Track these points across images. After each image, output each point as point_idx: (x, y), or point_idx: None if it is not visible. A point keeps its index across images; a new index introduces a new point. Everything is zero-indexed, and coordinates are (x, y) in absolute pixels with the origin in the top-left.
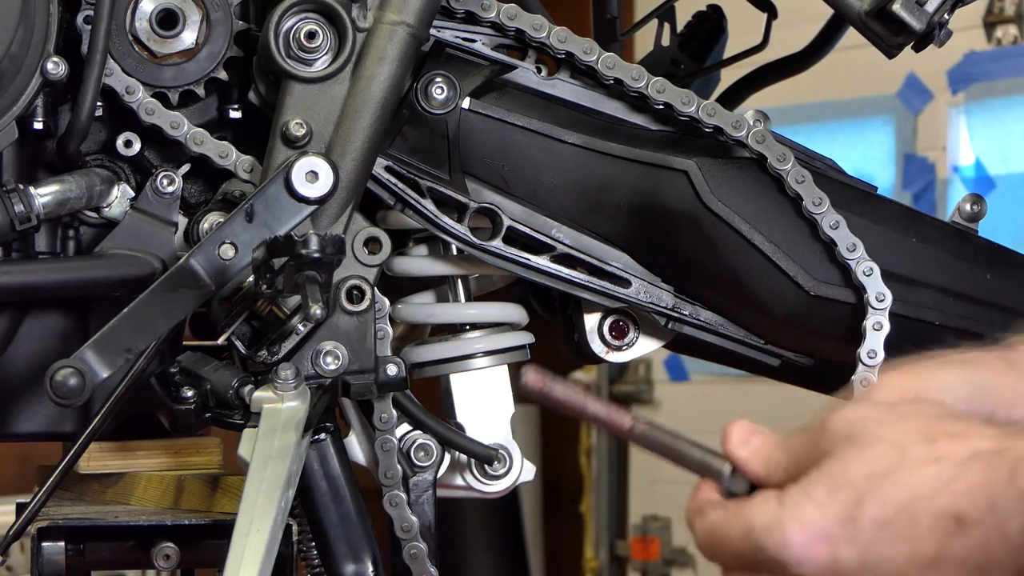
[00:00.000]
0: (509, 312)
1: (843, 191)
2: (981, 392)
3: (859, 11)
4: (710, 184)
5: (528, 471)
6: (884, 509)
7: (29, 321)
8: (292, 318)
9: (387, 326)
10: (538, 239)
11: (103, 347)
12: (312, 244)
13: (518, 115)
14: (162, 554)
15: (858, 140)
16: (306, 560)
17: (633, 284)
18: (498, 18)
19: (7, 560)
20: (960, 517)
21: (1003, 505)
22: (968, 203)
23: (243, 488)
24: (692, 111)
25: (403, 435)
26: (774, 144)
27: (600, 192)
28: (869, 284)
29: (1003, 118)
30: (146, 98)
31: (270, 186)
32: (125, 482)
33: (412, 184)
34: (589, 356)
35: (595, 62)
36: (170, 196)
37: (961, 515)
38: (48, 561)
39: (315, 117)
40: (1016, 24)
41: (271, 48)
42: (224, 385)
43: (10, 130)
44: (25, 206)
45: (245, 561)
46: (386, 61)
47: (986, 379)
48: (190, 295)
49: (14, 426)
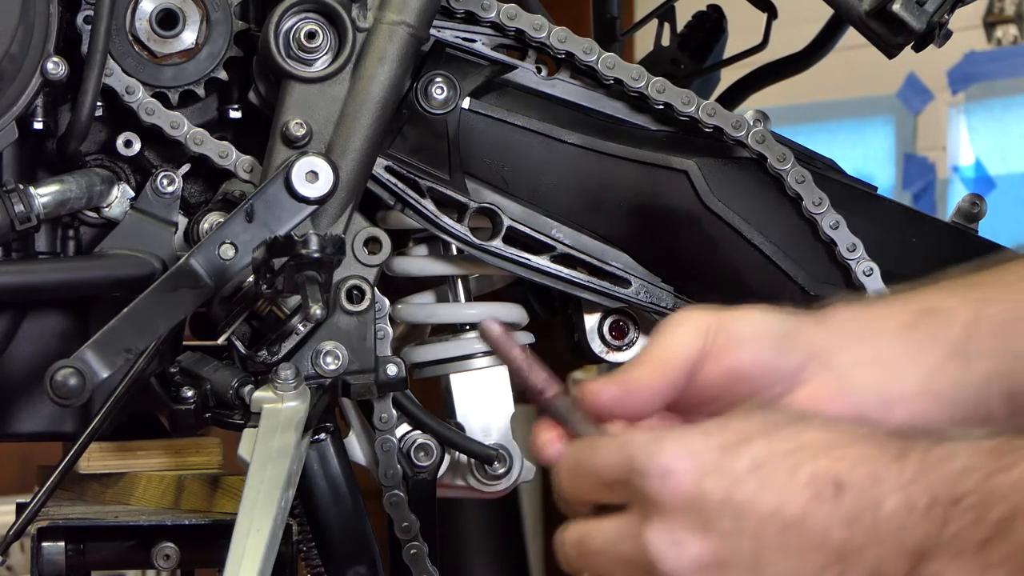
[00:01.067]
0: (509, 312)
1: (843, 191)
2: (790, 338)
3: (859, 11)
4: (710, 184)
5: (528, 471)
6: (765, 451)
7: (29, 321)
8: (292, 318)
9: (387, 326)
10: (538, 239)
11: (103, 347)
12: (312, 244)
13: (518, 115)
14: (162, 554)
15: (858, 140)
16: (306, 560)
17: (633, 284)
18: (498, 18)
19: (7, 560)
20: (839, 481)
21: (885, 481)
22: (968, 203)
23: (243, 488)
24: (692, 111)
25: (403, 435)
26: (774, 144)
27: (600, 192)
28: (869, 284)
29: (1003, 118)
30: (146, 98)
31: (270, 186)
32: (125, 482)
33: (412, 184)
34: (589, 356)
35: (595, 62)
36: (170, 196)
37: (840, 479)
38: (48, 561)
39: (315, 117)
40: (1016, 24)
41: (271, 48)
42: (224, 385)
43: (10, 130)
44: (25, 206)
45: (245, 561)
46: (386, 61)
47: (799, 328)
48: (190, 295)
49: (14, 426)
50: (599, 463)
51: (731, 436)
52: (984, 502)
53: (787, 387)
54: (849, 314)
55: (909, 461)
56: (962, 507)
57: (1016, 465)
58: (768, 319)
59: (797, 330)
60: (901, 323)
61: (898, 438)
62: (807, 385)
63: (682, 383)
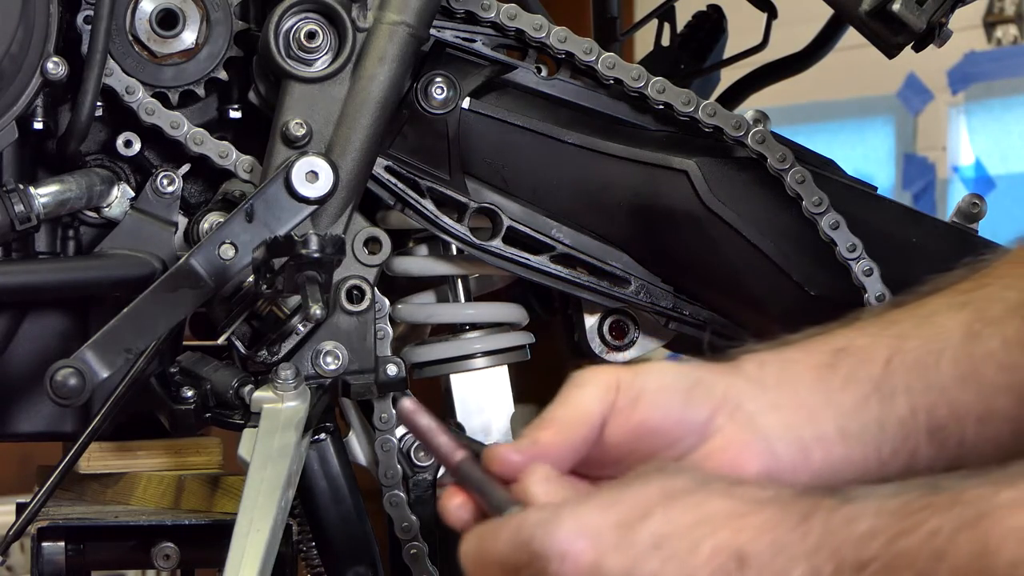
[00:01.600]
0: (509, 312)
1: (843, 191)
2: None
3: (859, 11)
4: (710, 184)
5: None
6: (665, 527)
7: (29, 321)
8: (292, 318)
9: (387, 326)
10: (538, 239)
11: (103, 347)
12: (312, 244)
13: (518, 115)
14: (162, 554)
15: (858, 140)
16: (306, 560)
17: (633, 284)
18: (498, 18)
19: (7, 560)
20: (742, 555)
21: (789, 549)
22: (968, 203)
23: (243, 488)
24: (692, 111)
25: (403, 435)
26: (774, 144)
27: (600, 192)
28: (869, 284)
29: (1003, 118)
30: (146, 98)
31: (270, 186)
32: (125, 482)
33: (412, 184)
34: (589, 356)
35: (595, 62)
36: (170, 196)
37: (743, 553)
38: (48, 561)
39: (315, 117)
40: (1016, 24)
41: (271, 48)
42: (224, 385)
43: (10, 130)
44: (25, 206)
45: (245, 561)
46: (386, 61)
47: (708, 377)
48: (190, 295)
49: (14, 426)
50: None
51: (629, 510)
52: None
53: (698, 439)
54: (762, 360)
55: (813, 525)
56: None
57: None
58: (675, 371)
59: (706, 380)
60: (817, 364)
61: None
62: (718, 435)
63: (590, 443)
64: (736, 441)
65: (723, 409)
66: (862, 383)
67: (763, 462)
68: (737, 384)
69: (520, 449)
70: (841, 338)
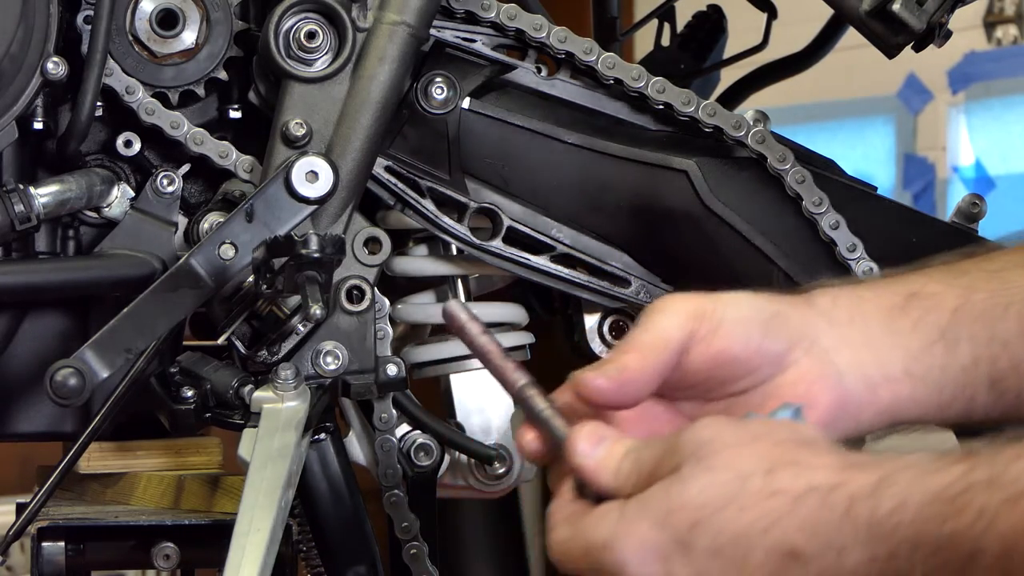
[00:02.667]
0: (509, 312)
1: (843, 191)
2: (777, 322)
3: (859, 11)
4: (710, 184)
5: (528, 471)
6: (716, 540)
7: (29, 321)
8: (292, 318)
9: (387, 326)
10: (538, 239)
11: (103, 347)
12: (312, 244)
13: (518, 115)
14: (162, 554)
15: (858, 140)
16: (306, 560)
17: (633, 284)
18: (498, 18)
19: (7, 560)
20: (794, 552)
21: (839, 540)
22: (968, 203)
23: (243, 488)
24: (692, 111)
25: (403, 435)
26: (774, 144)
27: (600, 192)
28: None
29: (1003, 118)
30: (146, 98)
31: (270, 186)
32: (125, 482)
33: (412, 184)
34: (589, 356)
35: (595, 62)
36: (170, 196)
37: (795, 550)
38: (48, 561)
39: (315, 117)
40: (1016, 24)
41: (271, 48)
42: (224, 385)
43: (10, 130)
44: (25, 206)
45: (245, 561)
46: (386, 61)
47: (785, 311)
48: (190, 295)
49: (14, 426)
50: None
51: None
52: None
53: (774, 370)
54: (836, 296)
55: (859, 512)
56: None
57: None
58: (755, 303)
59: (784, 313)
60: (888, 306)
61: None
62: (793, 368)
63: (671, 367)
64: (810, 374)
65: (800, 343)
66: (930, 329)
67: (834, 396)
68: (812, 319)
69: (608, 375)
70: (913, 283)
